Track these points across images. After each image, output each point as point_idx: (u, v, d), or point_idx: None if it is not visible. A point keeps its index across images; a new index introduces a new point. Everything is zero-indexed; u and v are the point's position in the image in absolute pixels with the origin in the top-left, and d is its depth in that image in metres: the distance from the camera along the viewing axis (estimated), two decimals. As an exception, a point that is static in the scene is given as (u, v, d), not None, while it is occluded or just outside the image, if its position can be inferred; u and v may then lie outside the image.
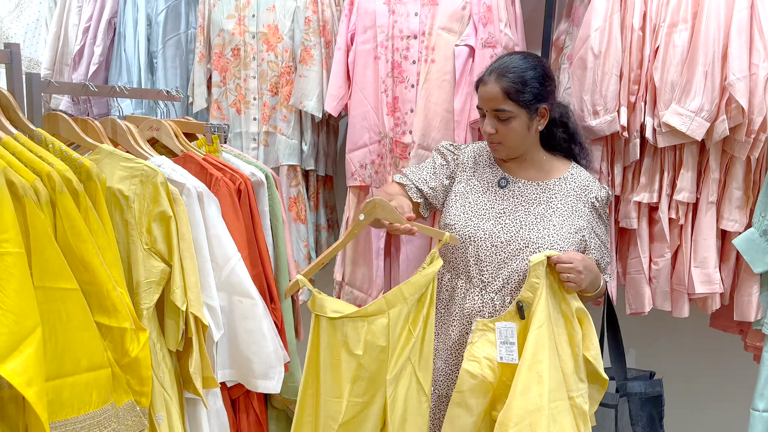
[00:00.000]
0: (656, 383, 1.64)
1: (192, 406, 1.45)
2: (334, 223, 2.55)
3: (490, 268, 1.58)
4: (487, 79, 1.57)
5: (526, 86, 1.54)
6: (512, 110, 1.55)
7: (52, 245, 1.08)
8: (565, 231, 1.57)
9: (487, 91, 1.56)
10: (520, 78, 1.54)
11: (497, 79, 1.55)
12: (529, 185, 1.64)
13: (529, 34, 2.16)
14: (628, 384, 1.58)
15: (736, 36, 1.67)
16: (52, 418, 1.08)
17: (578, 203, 1.61)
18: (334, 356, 1.51)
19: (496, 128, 1.58)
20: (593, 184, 1.66)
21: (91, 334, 1.13)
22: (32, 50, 2.64)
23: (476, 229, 1.59)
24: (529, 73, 1.55)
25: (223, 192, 1.51)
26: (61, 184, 1.11)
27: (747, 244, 1.72)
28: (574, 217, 1.59)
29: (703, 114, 1.71)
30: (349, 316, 1.51)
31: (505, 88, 1.54)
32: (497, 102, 1.55)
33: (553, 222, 1.58)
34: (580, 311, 1.50)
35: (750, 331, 1.90)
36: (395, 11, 2.02)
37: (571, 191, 1.62)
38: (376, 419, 1.52)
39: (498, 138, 1.59)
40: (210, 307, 1.42)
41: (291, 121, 2.25)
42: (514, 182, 1.64)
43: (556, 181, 1.64)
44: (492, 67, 1.59)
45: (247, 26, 2.25)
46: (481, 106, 1.60)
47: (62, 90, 1.57)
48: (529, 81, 1.54)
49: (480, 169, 1.69)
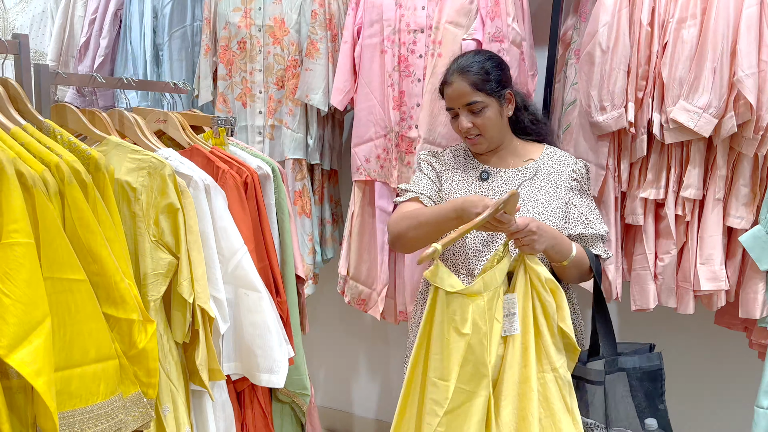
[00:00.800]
0: (654, 357, 1.60)
1: (198, 398, 1.46)
2: (338, 217, 2.55)
3: (489, 256, 1.59)
4: (451, 80, 1.62)
5: (489, 75, 1.60)
6: (483, 100, 1.60)
7: (60, 236, 1.08)
8: (553, 206, 1.61)
9: (455, 89, 1.61)
10: (482, 69, 1.60)
11: (461, 75, 1.60)
12: (510, 172, 1.67)
13: (536, 29, 2.16)
14: (620, 359, 1.55)
15: (745, 32, 1.66)
16: (60, 409, 1.08)
17: (560, 178, 1.66)
18: (444, 334, 1.43)
19: (473, 122, 1.62)
20: (569, 159, 1.71)
21: (99, 325, 1.13)
22: (38, 42, 2.64)
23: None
24: (488, 63, 1.62)
25: (229, 185, 1.51)
26: (69, 175, 1.11)
27: (753, 241, 1.72)
28: (559, 192, 1.64)
29: (711, 110, 1.70)
30: (460, 292, 1.42)
31: (472, 81, 1.59)
32: (468, 96, 1.60)
33: (540, 200, 1.61)
34: (549, 282, 1.46)
35: (755, 329, 1.90)
36: (402, 5, 2.01)
37: (550, 169, 1.67)
38: (482, 415, 1.43)
39: (476, 131, 1.63)
40: (216, 299, 1.42)
41: (296, 115, 2.25)
42: (495, 173, 1.67)
43: (534, 163, 1.68)
44: (450, 69, 1.64)
45: (254, 19, 2.24)
46: (452, 106, 1.64)
47: (70, 81, 1.57)
48: (490, 70, 1.61)
49: (461, 167, 1.73)
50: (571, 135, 1.94)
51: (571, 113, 1.96)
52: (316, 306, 2.89)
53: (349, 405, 2.97)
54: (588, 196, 1.70)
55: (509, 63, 1.95)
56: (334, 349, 2.94)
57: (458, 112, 1.63)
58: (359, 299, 2.25)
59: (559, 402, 1.44)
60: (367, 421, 2.93)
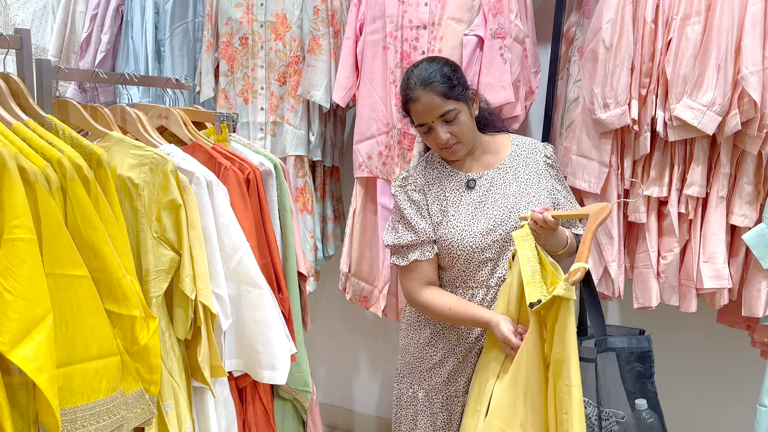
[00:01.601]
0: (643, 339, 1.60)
1: (199, 394, 1.45)
2: (340, 214, 2.54)
3: (501, 261, 1.61)
4: (416, 95, 1.55)
5: (453, 80, 1.55)
6: (455, 107, 1.55)
7: (62, 232, 1.07)
8: (542, 198, 1.63)
9: (424, 104, 1.54)
10: (444, 76, 1.55)
11: (426, 88, 1.53)
12: (493, 173, 1.65)
13: (539, 26, 2.15)
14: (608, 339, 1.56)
15: (749, 29, 1.66)
16: (62, 405, 1.08)
17: (537, 166, 1.67)
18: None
19: (450, 131, 1.56)
20: (538, 145, 1.71)
21: (101, 321, 1.12)
22: (39, 37, 2.64)
23: (474, 237, 1.59)
24: (445, 69, 1.57)
25: (231, 181, 1.51)
26: (71, 171, 1.11)
27: (756, 240, 1.71)
28: (542, 181, 1.65)
29: (714, 108, 1.69)
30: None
31: (440, 92, 1.53)
32: (440, 107, 1.54)
33: (530, 194, 1.62)
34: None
35: (758, 327, 1.89)
36: (405, 1, 2.00)
37: (527, 159, 1.67)
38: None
39: (454, 139, 1.58)
40: (218, 296, 1.41)
41: (298, 111, 2.24)
42: (479, 177, 1.65)
43: (510, 158, 1.67)
44: (410, 83, 1.56)
45: (255, 15, 2.23)
46: (424, 121, 1.57)
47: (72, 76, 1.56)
48: (450, 75, 1.56)
49: (440, 183, 1.67)
50: (573, 132, 1.94)
51: (574, 110, 1.95)
52: (317, 303, 2.88)
53: (350, 402, 2.97)
54: (562, 179, 1.73)
55: (511, 60, 1.95)
56: (335, 346, 2.94)
57: (432, 125, 1.57)
58: (361, 296, 2.25)
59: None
60: (368, 418, 2.93)
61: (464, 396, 1.68)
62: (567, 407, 1.32)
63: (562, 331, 1.34)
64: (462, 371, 1.68)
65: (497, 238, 1.60)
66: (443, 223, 1.62)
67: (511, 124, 2.04)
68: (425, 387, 1.72)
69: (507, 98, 1.93)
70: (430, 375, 1.71)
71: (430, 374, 1.71)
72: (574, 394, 1.31)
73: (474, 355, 1.66)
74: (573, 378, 1.31)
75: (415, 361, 1.73)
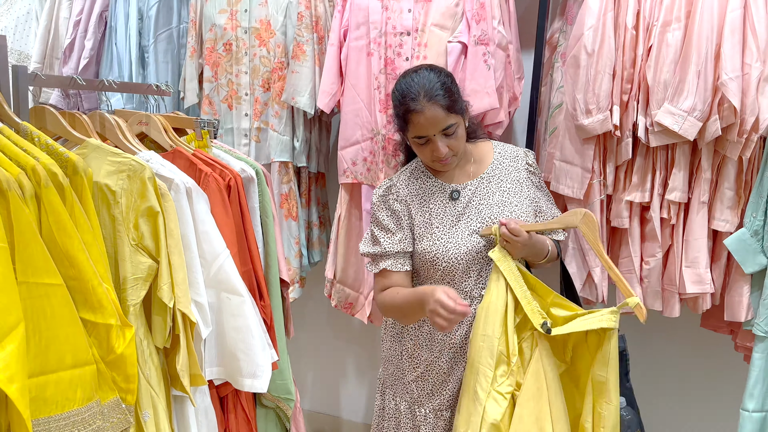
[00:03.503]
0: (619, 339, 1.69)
1: (179, 403, 1.44)
2: (325, 220, 2.54)
3: (484, 271, 1.60)
4: (419, 107, 1.48)
5: (453, 94, 1.52)
6: (456, 120, 1.53)
7: (36, 240, 1.06)
8: (524, 207, 1.62)
9: (428, 117, 1.48)
10: (447, 89, 1.51)
11: (431, 101, 1.48)
12: (476, 182, 1.64)
13: (522, 32, 2.16)
14: None
15: (729, 36, 1.67)
16: (36, 416, 1.07)
17: (519, 174, 1.66)
18: None
19: (448, 145, 1.54)
20: (519, 152, 1.71)
21: (75, 330, 1.11)
22: (22, 43, 2.62)
23: (458, 248, 1.58)
24: (446, 80, 1.53)
25: (212, 188, 1.50)
26: (46, 178, 1.10)
27: (738, 245, 1.72)
28: (524, 190, 1.65)
29: (695, 113, 1.70)
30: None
31: (444, 105, 1.49)
32: (443, 121, 1.50)
33: (513, 203, 1.62)
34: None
35: (740, 332, 1.90)
36: (388, 7, 2.01)
37: (509, 167, 1.67)
38: None
39: (451, 152, 1.55)
40: (198, 303, 1.40)
41: (283, 117, 2.24)
42: (462, 188, 1.63)
43: (492, 166, 1.66)
44: (414, 92, 1.50)
45: (240, 21, 2.23)
46: (425, 134, 1.51)
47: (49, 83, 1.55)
48: (452, 88, 1.53)
49: (425, 194, 1.64)
50: (557, 138, 1.94)
51: (557, 116, 1.96)
52: (303, 309, 2.87)
53: (336, 409, 2.96)
54: (543, 186, 1.73)
55: (495, 66, 1.95)
56: (321, 353, 2.92)
57: (431, 138, 1.52)
58: (346, 303, 2.24)
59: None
60: (354, 425, 2.91)
61: (449, 410, 1.66)
62: (605, 422, 1.46)
63: (606, 356, 1.46)
64: (446, 384, 1.65)
65: (480, 248, 1.59)
66: (427, 235, 1.61)
67: (495, 130, 2.04)
68: (407, 399, 1.70)
69: (491, 104, 1.94)
70: (413, 387, 1.69)
71: (413, 386, 1.69)
72: (612, 411, 1.47)
73: (460, 369, 1.63)
74: (613, 398, 1.46)
75: (398, 371, 1.72)
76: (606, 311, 1.48)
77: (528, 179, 1.67)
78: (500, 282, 1.52)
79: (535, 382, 1.48)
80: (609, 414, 1.46)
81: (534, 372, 1.49)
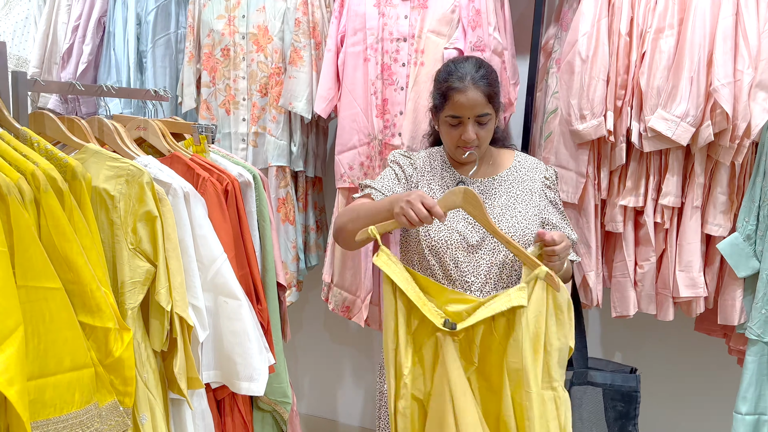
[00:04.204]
0: (629, 378, 1.55)
1: (177, 406, 1.45)
2: (322, 224, 2.55)
3: (470, 267, 1.58)
4: (463, 86, 1.53)
5: (496, 87, 1.57)
6: (491, 113, 1.56)
7: (35, 244, 1.07)
8: (530, 215, 1.60)
9: (469, 98, 1.52)
10: (492, 81, 1.56)
11: (476, 85, 1.52)
12: (485, 182, 1.65)
13: (518, 38, 2.18)
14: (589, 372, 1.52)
15: (721, 42, 1.69)
16: (34, 418, 1.07)
17: (534, 185, 1.64)
18: None
19: (477, 133, 1.56)
20: (540, 165, 1.69)
21: (74, 333, 1.12)
22: (21, 48, 2.63)
23: (450, 233, 1.59)
24: (493, 74, 1.58)
25: (209, 192, 1.51)
26: (45, 183, 1.11)
27: (731, 249, 1.74)
28: (534, 199, 1.62)
29: (688, 119, 1.72)
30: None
31: (487, 93, 1.53)
32: (481, 107, 1.54)
33: (518, 209, 1.60)
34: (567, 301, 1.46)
35: (733, 335, 1.92)
36: (385, 14, 2.02)
37: (524, 176, 1.66)
38: None
39: (476, 143, 1.58)
40: (195, 307, 1.41)
41: (280, 122, 2.25)
42: (470, 183, 1.65)
43: (508, 171, 1.66)
44: (461, 73, 1.54)
45: (237, 27, 2.25)
46: (461, 114, 1.55)
47: (49, 89, 1.56)
48: (495, 82, 1.57)
49: (438, 175, 1.68)
50: (552, 143, 1.96)
51: (552, 122, 1.98)
52: (300, 313, 2.88)
53: (333, 413, 2.96)
54: (559, 205, 1.69)
55: (490, 72, 1.97)
56: (318, 357, 2.93)
57: (464, 121, 1.55)
58: (343, 306, 2.25)
59: (554, 420, 1.44)
60: (351, 429, 2.92)
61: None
62: (529, 412, 1.37)
63: (518, 341, 1.37)
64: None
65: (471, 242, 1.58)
66: None
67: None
68: None
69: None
70: None
71: None
72: (534, 399, 1.37)
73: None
74: (532, 384, 1.37)
75: None
76: (513, 290, 1.40)
77: (542, 191, 1.65)
78: (388, 289, 1.47)
79: (440, 386, 1.44)
80: (531, 402, 1.37)
81: (438, 376, 1.44)
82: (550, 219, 1.63)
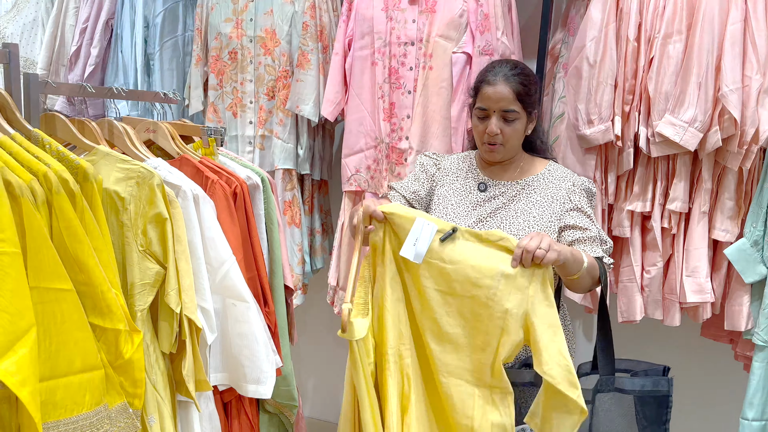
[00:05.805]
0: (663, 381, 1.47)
1: (184, 409, 1.45)
2: (328, 227, 2.55)
3: None
4: (494, 80, 1.58)
5: (530, 90, 1.58)
6: (519, 111, 1.57)
7: (47, 246, 1.08)
8: (545, 220, 1.57)
9: (497, 91, 1.57)
10: (528, 81, 1.58)
11: (507, 81, 1.57)
12: (508, 185, 1.65)
13: (525, 43, 2.18)
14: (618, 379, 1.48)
15: (729, 48, 1.69)
16: (45, 419, 1.08)
17: (558, 193, 1.60)
18: None
19: (501, 129, 1.58)
20: (572, 175, 1.64)
21: (85, 335, 1.12)
22: (28, 50, 2.64)
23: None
24: (532, 79, 1.60)
25: (218, 195, 1.51)
26: (57, 185, 1.11)
27: (738, 254, 1.74)
28: (554, 207, 1.58)
29: (696, 125, 1.72)
30: None
31: (516, 90, 1.56)
32: (508, 102, 1.56)
33: (533, 214, 1.59)
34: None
35: (740, 341, 1.92)
36: (393, 18, 2.03)
37: (549, 183, 1.63)
38: None
39: (500, 139, 1.59)
40: (204, 309, 1.42)
41: (287, 125, 2.26)
42: (494, 185, 1.66)
43: (534, 177, 1.65)
44: (495, 69, 1.60)
45: (245, 30, 2.25)
46: (487, 106, 1.58)
47: (60, 90, 1.57)
48: (532, 87, 1.59)
49: (462, 175, 1.70)
50: (559, 148, 1.96)
51: (559, 126, 1.98)
52: (305, 316, 2.88)
53: (337, 416, 2.95)
54: (587, 210, 1.59)
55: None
56: (323, 360, 2.93)
57: (490, 114, 1.58)
58: (348, 310, 2.25)
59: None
60: (355, 433, 2.91)
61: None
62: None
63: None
64: None
65: None
66: (440, 207, 1.65)
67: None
68: None
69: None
70: None
71: None
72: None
73: None
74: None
75: None
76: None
77: (566, 197, 1.59)
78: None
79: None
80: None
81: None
82: (575, 223, 1.55)
